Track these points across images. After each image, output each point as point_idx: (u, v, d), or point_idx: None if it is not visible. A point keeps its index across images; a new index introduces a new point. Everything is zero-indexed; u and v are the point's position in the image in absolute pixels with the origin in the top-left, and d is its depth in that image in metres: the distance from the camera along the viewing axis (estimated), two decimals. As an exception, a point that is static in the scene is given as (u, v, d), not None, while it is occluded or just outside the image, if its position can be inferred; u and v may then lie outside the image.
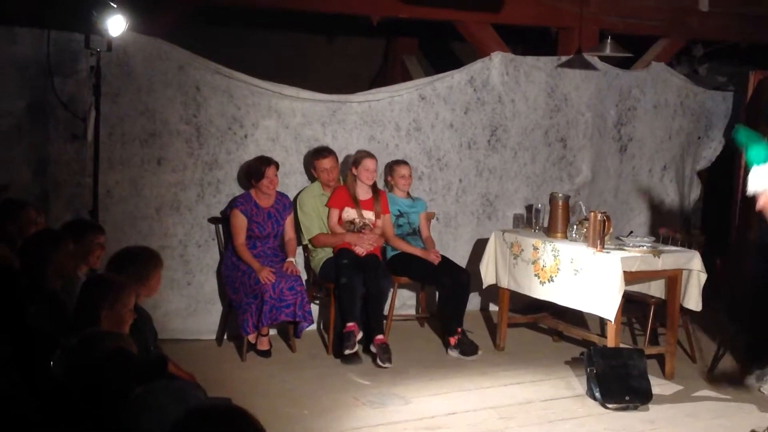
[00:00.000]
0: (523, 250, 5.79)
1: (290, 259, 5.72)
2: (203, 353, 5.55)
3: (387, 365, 5.46)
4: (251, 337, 5.57)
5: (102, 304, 3.44)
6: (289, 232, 5.83)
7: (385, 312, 5.79)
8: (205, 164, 5.82)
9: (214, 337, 5.86)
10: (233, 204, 5.71)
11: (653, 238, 5.93)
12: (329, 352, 5.71)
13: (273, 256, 5.74)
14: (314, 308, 6.04)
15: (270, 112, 6.01)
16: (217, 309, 5.92)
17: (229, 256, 5.70)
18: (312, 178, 6.07)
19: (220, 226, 5.84)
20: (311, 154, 6.02)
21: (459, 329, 5.78)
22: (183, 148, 5.74)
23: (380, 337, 5.58)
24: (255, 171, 5.69)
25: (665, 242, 5.90)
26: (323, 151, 5.95)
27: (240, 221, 5.63)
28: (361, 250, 5.76)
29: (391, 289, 5.93)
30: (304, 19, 7.04)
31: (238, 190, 5.89)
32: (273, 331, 5.85)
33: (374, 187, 5.98)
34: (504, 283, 5.94)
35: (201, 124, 5.78)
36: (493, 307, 6.73)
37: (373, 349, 5.56)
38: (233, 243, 5.66)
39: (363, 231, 5.85)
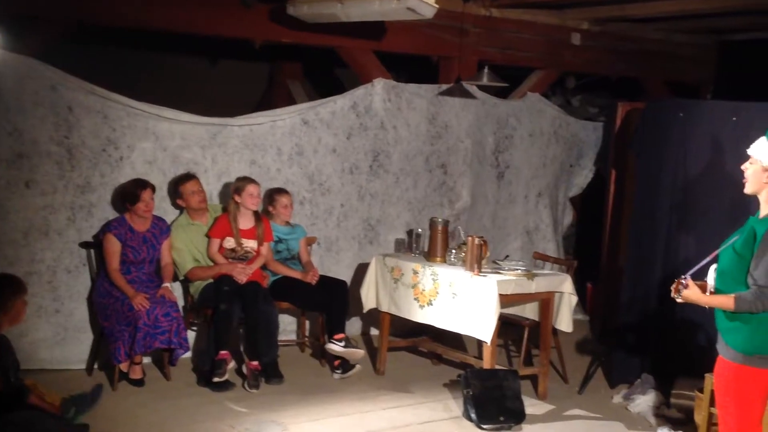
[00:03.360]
0: (403, 274, 5.85)
1: (166, 284, 5.59)
2: (72, 383, 5.31)
3: (253, 390, 5.45)
4: (123, 366, 5.38)
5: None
6: (166, 257, 5.70)
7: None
8: (77, 187, 5.63)
9: (84, 366, 5.64)
10: (107, 228, 5.54)
11: (528, 262, 6.11)
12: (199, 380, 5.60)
13: (148, 281, 5.59)
14: (191, 335, 5.92)
15: (147, 134, 5.88)
16: (87, 337, 5.71)
17: (101, 282, 5.52)
18: (179, 209, 5.94)
19: (92, 251, 5.65)
20: (175, 183, 5.90)
21: (342, 335, 5.78)
22: (53, 170, 5.53)
23: (254, 363, 5.55)
24: (130, 194, 5.55)
25: (539, 266, 6.09)
26: (186, 175, 5.87)
27: (113, 246, 5.47)
28: (241, 277, 5.69)
29: (278, 315, 5.87)
30: (186, 41, 6.93)
31: (112, 214, 5.71)
32: (147, 359, 5.69)
33: (257, 214, 5.92)
34: (384, 307, 5.98)
35: (73, 145, 5.59)
36: (373, 331, 6.77)
37: (244, 370, 5.53)
38: (106, 268, 5.48)
39: (246, 261, 5.78)
